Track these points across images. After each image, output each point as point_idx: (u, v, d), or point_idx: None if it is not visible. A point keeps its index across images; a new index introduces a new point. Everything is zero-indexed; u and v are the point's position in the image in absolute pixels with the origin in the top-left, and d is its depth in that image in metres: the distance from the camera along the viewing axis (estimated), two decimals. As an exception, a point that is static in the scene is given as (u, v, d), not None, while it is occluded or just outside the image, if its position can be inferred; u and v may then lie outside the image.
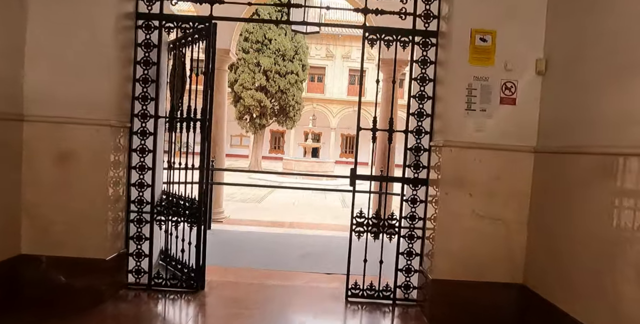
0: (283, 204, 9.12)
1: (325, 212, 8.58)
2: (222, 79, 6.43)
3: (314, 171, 15.76)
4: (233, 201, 9.05)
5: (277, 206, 8.92)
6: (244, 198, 10.03)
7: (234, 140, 30.58)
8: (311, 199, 10.63)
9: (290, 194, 11.42)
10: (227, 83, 6.51)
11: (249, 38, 17.22)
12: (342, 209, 8.97)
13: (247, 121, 18.89)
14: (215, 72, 6.35)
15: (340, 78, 27.64)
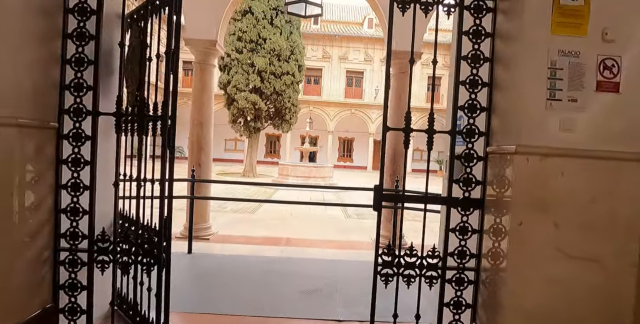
0: (279, 215, 8.25)
1: (327, 224, 7.73)
2: (208, 75, 5.59)
3: (312, 176, 14.91)
4: (224, 212, 8.16)
5: (272, 217, 8.06)
6: (236, 208, 9.16)
7: (228, 144, 29.71)
8: (310, 209, 9.78)
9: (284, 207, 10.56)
10: (215, 80, 5.66)
11: (242, 37, 16.41)
12: (345, 221, 8.12)
13: (241, 124, 18.03)
14: (201, 67, 5.52)
15: (338, 80, 26.88)
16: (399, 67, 5.62)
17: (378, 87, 26.65)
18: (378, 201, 2.14)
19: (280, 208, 9.12)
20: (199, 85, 5.52)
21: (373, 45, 26.83)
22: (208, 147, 5.63)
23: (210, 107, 5.62)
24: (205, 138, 5.57)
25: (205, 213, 5.68)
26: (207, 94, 5.55)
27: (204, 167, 5.57)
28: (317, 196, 11.77)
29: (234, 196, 10.61)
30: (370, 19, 28.17)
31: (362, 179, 20.00)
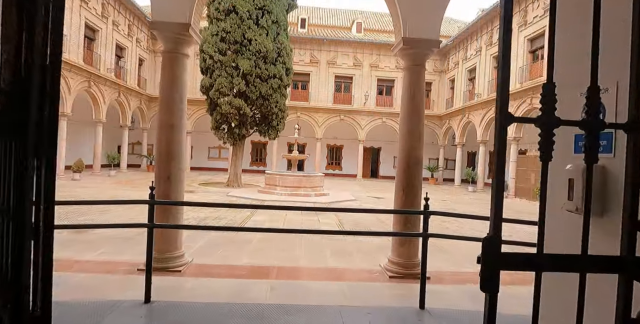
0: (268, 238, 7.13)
1: (321, 242, 6.68)
2: (180, 67, 4.52)
3: (302, 186, 13.84)
4: (205, 232, 6.99)
5: (260, 236, 6.96)
6: (218, 224, 8.01)
7: (212, 152, 28.46)
8: (301, 223, 8.70)
9: (275, 216, 9.45)
10: (186, 74, 4.59)
11: (226, 38, 15.36)
12: (342, 239, 7.05)
13: (225, 130, 16.87)
14: (171, 57, 4.43)
15: (326, 85, 26.00)
16: (413, 58, 4.65)
17: (368, 93, 25.87)
18: (491, 271, 1.04)
19: (268, 224, 8.02)
20: (168, 79, 4.45)
21: (362, 49, 26.10)
22: (181, 156, 4.53)
23: (183, 106, 4.54)
24: (177, 144, 4.47)
25: (177, 238, 4.56)
26: (178, 90, 4.47)
27: (175, 182, 4.47)
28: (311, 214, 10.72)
29: (217, 209, 9.48)
30: (359, 23, 27.50)
31: (354, 188, 19.05)
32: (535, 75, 16.43)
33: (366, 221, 9.28)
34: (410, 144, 4.63)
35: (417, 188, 4.65)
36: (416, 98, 4.65)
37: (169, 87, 4.45)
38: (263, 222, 8.33)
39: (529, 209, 15.72)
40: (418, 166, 4.66)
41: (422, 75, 4.71)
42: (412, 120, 4.63)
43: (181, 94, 4.51)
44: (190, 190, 14.68)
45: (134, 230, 6.27)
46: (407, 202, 4.62)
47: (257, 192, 14.18)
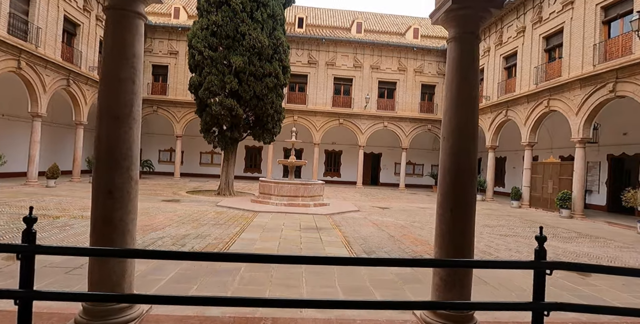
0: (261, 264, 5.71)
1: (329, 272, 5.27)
2: (130, 30, 3.12)
3: (300, 195, 12.40)
4: (171, 264, 5.50)
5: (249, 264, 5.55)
6: (200, 244, 6.56)
7: (203, 157, 27.03)
8: (301, 244, 7.28)
9: (269, 231, 8.02)
10: (141, 44, 3.19)
11: (217, 32, 14.01)
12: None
13: (215, 134, 15.45)
14: (115, 17, 2.89)
15: (324, 87, 24.69)
16: (464, 23, 3.30)
17: (369, 96, 24.58)
18: None
19: (261, 245, 6.58)
20: (112, 49, 3.06)
21: (363, 50, 24.86)
22: (131, 161, 3.12)
23: (136, 89, 3.14)
24: (125, 144, 3.06)
25: (126, 277, 3.12)
26: (128, 65, 3.07)
27: (122, 199, 3.05)
28: (307, 222, 9.30)
29: (200, 226, 7.94)
30: (359, 23, 26.32)
31: (355, 196, 17.63)
32: (552, 75, 15.18)
33: (376, 238, 7.88)
34: (460, 146, 3.25)
35: (470, 208, 3.27)
36: (469, 80, 3.28)
37: (113, 61, 3.06)
38: (254, 242, 6.90)
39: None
40: (472, 177, 3.28)
41: (476, 48, 3.35)
42: (462, 112, 3.26)
43: (133, 72, 3.11)
44: (175, 199, 13.21)
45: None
46: (457, 228, 3.23)
47: (250, 202, 12.73)
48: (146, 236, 6.90)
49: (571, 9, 14.14)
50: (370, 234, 8.28)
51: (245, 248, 6.36)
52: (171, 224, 8.26)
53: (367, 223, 9.96)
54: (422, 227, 9.68)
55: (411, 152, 26.93)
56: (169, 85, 23.82)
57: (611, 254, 7.56)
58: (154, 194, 14.60)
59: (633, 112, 13.81)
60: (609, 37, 12.83)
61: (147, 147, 26.38)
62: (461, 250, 3.25)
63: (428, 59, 25.43)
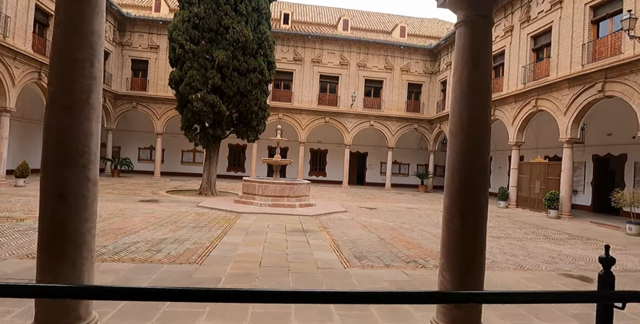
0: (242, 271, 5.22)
1: (318, 278, 4.84)
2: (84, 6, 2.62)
3: (286, 195, 11.93)
4: (146, 272, 4.94)
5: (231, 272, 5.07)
6: (178, 249, 6.03)
7: (185, 156, 26.26)
8: (287, 250, 6.82)
9: (252, 234, 7.55)
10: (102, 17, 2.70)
11: (199, 25, 13.40)
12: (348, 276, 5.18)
13: (197, 131, 14.84)
14: None
15: (310, 85, 24.24)
16: (476, 4, 2.91)
17: (355, 94, 24.24)
18: None
19: (244, 250, 6.09)
20: (67, 23, 2.56)
21: (349, 48, 24.50)
22: (89, 158, 2.62)
23: (95, 73, 2.64)
24: (81, 137, 2.57)
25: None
26: (85, 43, 2.58)
27: (76, 204, 2.55)
28: (293, 224, 8.84)
29: (178, 229, 7.28)
30: (346, 20, 25.95)
31: (341, 196, 17.25)
32: (540, 74, 15.09)
33: (366, 241, 7.49)
34: (472, 142, 2.87)
35: (482, 213, 2.89)
36: (481, 68, 2.90)
37: (67, 39, 2.56)
38: (237, 246, 6.41)
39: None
40: (484, 178, 2.90)
41: (489, 33, 2.97)
42: (473, 104, 2.88)
43: (91, 52, 2.62)
44: (154, 199, 12.58)
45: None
46: (467, 236, 2.85)
47: (233, 203, 12.20)
48: (119, 240, 6.34)
49: (560, 9, 14.06)
50: (359, 237, 7.89)
51: (226, 254, 5.87)
52: (148, 227, 7.70)
53: (355, 225, 9.57)
54: (412, 229, 9.35)
55: (397, 152, 26.73)
56: (149, 80, 22.99)
57: (606, 257, 7.35)
58: (131, 193, 13.91)
59: (618, 112, 13.82)
60: (597, 37, 12.77)
61: (126, 145, 25.46)
62: (472, 262, 2.87)
63: (415, 58, 25.24)
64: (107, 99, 21.52)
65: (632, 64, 10.83)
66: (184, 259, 5.42)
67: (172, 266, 5.02)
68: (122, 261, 5.13)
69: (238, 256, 5.78)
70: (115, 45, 22.26)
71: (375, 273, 5.23)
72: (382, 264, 5.75)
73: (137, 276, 4.49)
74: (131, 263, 5.06)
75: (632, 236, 10.30)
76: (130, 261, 5.12)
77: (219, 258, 5.57)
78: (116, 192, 13.90)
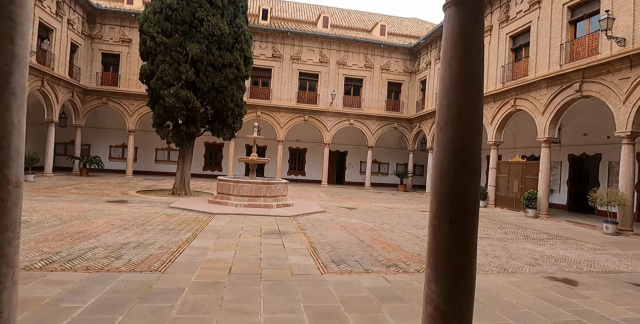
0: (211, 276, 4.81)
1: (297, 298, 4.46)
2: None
3: (262, 195, 11.47)
4: (97, 284, 4.42)
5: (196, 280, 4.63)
6: (140, 255, 5.53)
7: (160, 154, 25.38)
8: (260, 250, 6.42)
9: (225, 237, 7.11)
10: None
11: (171, 17, 12.78)
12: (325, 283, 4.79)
13: (170, 128, 14.20)
14: None
15: (289, 82, 23.79)
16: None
17: (335, 92, 23.92)
18: None
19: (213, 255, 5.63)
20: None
21: (329, 45, 24.16)
22: (7, 154, 2.14)
23: (17, 51, 2.16)
24: None
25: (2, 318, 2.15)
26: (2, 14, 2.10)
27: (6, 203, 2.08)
28: (269, 225, 8.42)
29: (144, 232, 6.71)
30: (326, 17, 25.61)
31: (320, 196, 16.89)
32: (519, 74, 15.13)
33: (344, 244, 7.15)
34: (463, 139, 2.54)
35: (473, 218, 2.57)
36: (473, 55, 2.57)
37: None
38: (206, 251, 5.96)
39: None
40: (475, 179, 2.58)
41: (481, 15, 2.65)
42: (465, 95, 2.55)
43: (11, 25, 2.13)
44: (123, 200, 11.91)
45: None
46: (457, 244, 2.52)
47: (207, 203, 11.67)
48: (75, 246, 5.78)
49: (538, 9, 14.10)
50: (338, 239, 7.55)
51: (194, 259, 5.42)
52: (110, 230, 7.14)
53: (334, 226, 9.23)
54: (392, 230, 9.08)
55: (377, 151, 26.60)
56: (121, 75, 22.04)
57: (588, 257, 7.27)
58: (99, 194, 13.17)
59: (594, 113, 13.97)
60: (575, 37, 12.84)
61: (96, 143, 24.40)
62: (462, 273, 2.54)
63: (395, 57, 25.13)
64: (75, 94, 20.49)
65: (609, 65, 10.89)
66: (146, 266, 4.94)
67: (130, 275, 4.54)
68: (74, 269, 4.61)
69: (207, 262, 5.33)
70: (85, 38, 21.22)
71: (354, 280, 4.88)
72: (362, 269, 5.42)
73: (87, 287, 4.00)
74: (84, 272, 4.55)
75: (609, 235, 10.35)
76: (83, 270, 4.61)
77: (185, 265, 5.11)
78: (82, 193, 13.14)
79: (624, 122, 10.59)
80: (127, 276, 4.51)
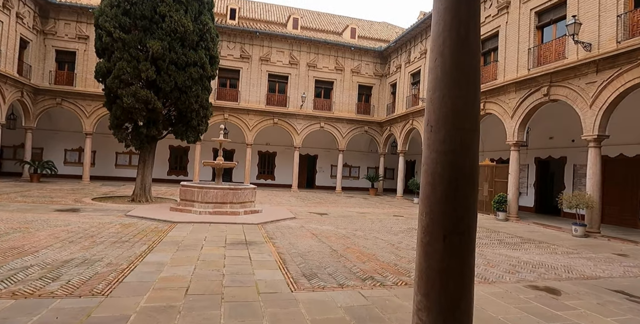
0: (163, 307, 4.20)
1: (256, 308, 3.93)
2: None
3: (229, 201, 10.79)
4: (23, 314, 3.74)
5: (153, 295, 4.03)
6: (84, 275, 4.83)
7: (120, 159, 24.06)
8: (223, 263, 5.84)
9: (184, 250, 6.47)
10: None
11: (130, 11, 11.94)
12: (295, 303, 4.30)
13: (129, 130, 13.26)
14: None
15: (258, 84, 23.14)
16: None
17: (305, 94, 23.48)
18: None
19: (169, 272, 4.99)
20: None
21: (299, 47, 23.73)
22: None
23: None
24: None
25: None
26: None
27: None
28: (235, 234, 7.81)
29: (93, 245, 5.92)
30: (296, 19, 25.18)
31: (291, 201, 16.33)
32: (488, 78, 15.22)
33: (316, 254, 6.67)
34: (459, 140, 2.13)
35: (471, 234, 2.16)
36: (469, 41, 2.17)
37: None
38: (161, 267, 5.31)
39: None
40: (473, 187, 2.18)
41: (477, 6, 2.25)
42: (460, 87, 2.14)
43: None
44: (75, 208, 10.92)
45: None
46: (453, 265, 2.11)
47: (169, 211, 10.88)
48: (5, 265, 4.99)
49: (506, 14, 14.24)
50: (309, 249, 7.05)
51: (146, 278, 4.77)
52: (53, 245, 6.33)
53: (304, 234, 8.74)
54: (366, 237, 8.68)
55: (348, 155, 26.34)
56: (77, 74, 20.68)
57: (563, 262, 7.13)
58: (48, 201, 12.05)
59: (560, 116, 14.22)
60: (542, 42, 13.00)
61: (50, 146, 22.78)
62: (459, 300, 2.12)
63: (365, 60, 25.01)
64: (25, 94, 18.99)
65: (575, 69, 11.03)
66: (87, 289, 4.26)
67: (66, 301, 3.85)
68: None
69: (161, 280, 4.70)
70: (36, 33, 19.75)
71: (328, 297, 4.41)
72: (335, 284, 4.95)
73: (8, 320, 3.31)
74: (9, 298, 3.83)
75: (578, 237, 10.41)
76: (8, 296, 3.88)
77: (134, 285, 4.46)
78: (29, 201, 11.98)
79: (591, 126, 10.73)
80: (62, 302, 3.83)
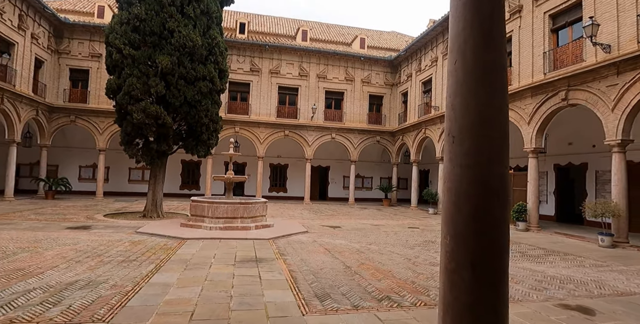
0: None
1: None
2: None
3: (239, 216, 10.56)
4: None
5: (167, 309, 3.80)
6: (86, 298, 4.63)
7: (133, 174, 24.21)
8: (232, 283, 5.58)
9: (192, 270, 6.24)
10: None
11: (139, 28, 12.03)
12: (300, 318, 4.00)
13: (139, 146, 13.25)
14: None
15: (268, 97, 23.15)
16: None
17: (316, 105, 23.38)
18: None
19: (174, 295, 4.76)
20: None
21: (309, 59, 23.74)
22: None
23: None
24: None
25: None
26: None
27: None
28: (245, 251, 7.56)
29: (100, 265, 5.74)
30: (305, 31, 25.28)
31: (303, 213, 16.05)
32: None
33: (329, 271, 6.37)
34: (485, 153, 1.86)
35: (503, 261, 1.88)
36: (495, 39, 1.91)
37: None
38: (167, 289, 5.07)
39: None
40: (504, 208, 1.89)
41: None
42: (486, 92, 1.88)
43: None
44: (86, 225, 10.83)
45: None
46: (483, 298, 1.81)
47: (179, 227, 10.70)
48: (8, 289, 4.82)
49: (519, 18, 13.94)
50: (322, 266, 6.75)
51: (150, 301, 4.53)
52: (59, 265, 6.17)
53: (317, 249, 8.43)
54: (381, 252, 8.33)
55: (360, 165, 26.03)
56: (90, 92, 20.99)
57: (593, 276, 6.67)
58: (61, 219, 12.02)
59: (579, 121, 13.73)
60: (558, 45, 12.64)
61: (65, 163, 23.06)
62: (494, 339, 1.82)
63: (375, 69, 24.88)
64: (41, 112, 19.31)
65: (594, 72, 10.63)
66: (88, 314, 4.04)
67: None
68: (-8, 324, 3.69)
69: (165, 304, 4.46)
70: (51, 53, 20.17)
71: (341, 321, 4.10)
72: (349, 305, 4.64)
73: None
74: None
75: (605, 247, 9.86)
76: (5, 324, 3.69)
77: (137, 310, 4.23)
78: (42, 218, 11.97)
79: (614, 130, 10.26)
80: (59, 330, 3.61)
